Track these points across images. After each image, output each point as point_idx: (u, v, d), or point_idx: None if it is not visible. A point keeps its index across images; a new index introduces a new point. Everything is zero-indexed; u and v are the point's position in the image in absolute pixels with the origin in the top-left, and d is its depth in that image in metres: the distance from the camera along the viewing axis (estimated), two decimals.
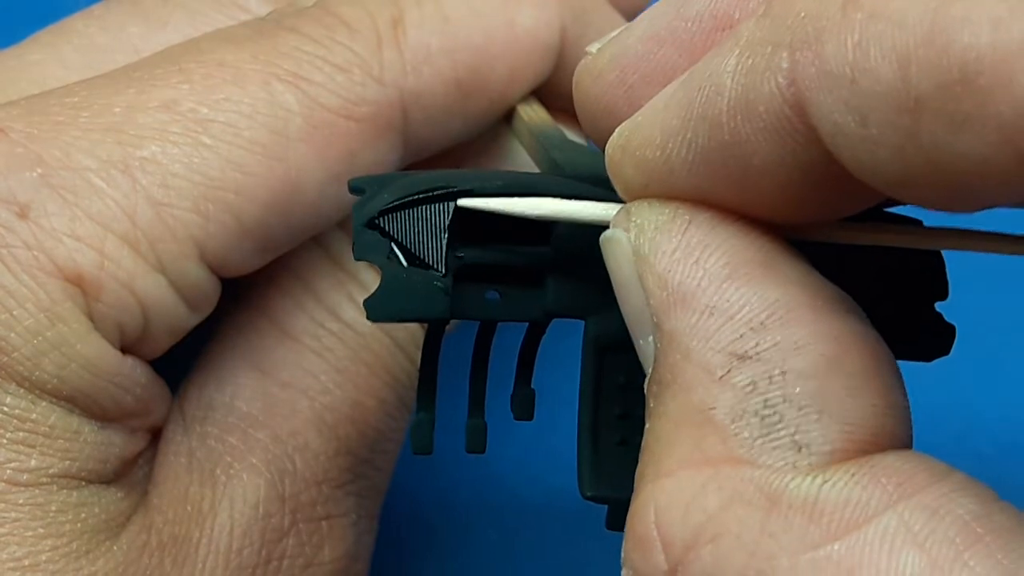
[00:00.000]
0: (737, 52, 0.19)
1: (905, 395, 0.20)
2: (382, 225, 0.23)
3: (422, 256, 0.23)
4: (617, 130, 0.22)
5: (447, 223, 0.23)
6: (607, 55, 0.24)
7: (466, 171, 0.24)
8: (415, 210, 0.23)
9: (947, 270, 0.25)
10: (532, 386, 0.26)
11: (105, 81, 0.27)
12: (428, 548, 0.39)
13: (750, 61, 0.19)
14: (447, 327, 0.25)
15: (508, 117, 0.31)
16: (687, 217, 0.21)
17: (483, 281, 0.24)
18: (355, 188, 0.23)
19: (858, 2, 0.18)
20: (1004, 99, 0.16)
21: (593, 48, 0.25)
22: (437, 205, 0.23)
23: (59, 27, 0.31)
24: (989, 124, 0.17)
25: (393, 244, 0.23)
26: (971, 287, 0.41)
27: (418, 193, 0.23)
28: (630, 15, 0.35)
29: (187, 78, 0.27)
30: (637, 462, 0.21)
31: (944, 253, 0.25)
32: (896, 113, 0.17)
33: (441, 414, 0.26)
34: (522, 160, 0.31)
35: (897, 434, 0.20)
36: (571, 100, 0.32)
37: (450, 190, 0.23)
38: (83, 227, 0.25)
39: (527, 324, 0.25)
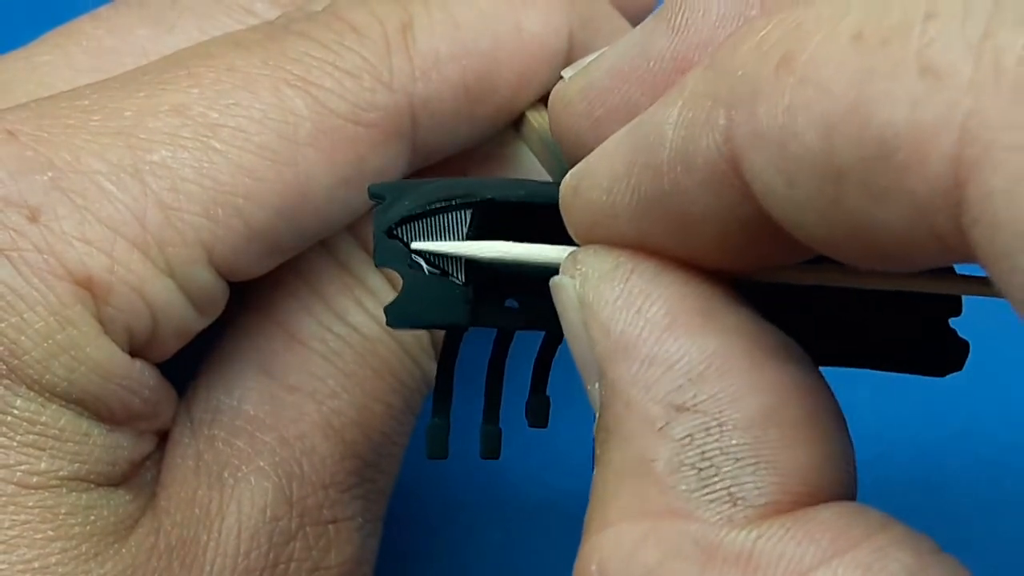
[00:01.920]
0: (680, 104, 0.20)
1: (848, 442, 0.21)
2: (403, 232, 0.23)
3: (443, 264, 0.23)
4: (570, 171, 0.22)
5: (468, 231, 0.23)
6: (577, 85, 0.24)
7: (488, 180, 0.24)
8: (436, 218, 0.23)
9: None
10: (547, 394, 0.26)
11: (115, 84, 0.27)
12: (433, 550, 0.39)
13: (690, 114, 0.19)
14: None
15: (517, 123, 0.31)
16: (630, 266, 0.21)
17: (503, 289, 0.24)
18: (374, 194, 0.23)
19: (790, 65, 0.18)
20: (919, 176, 0.16)
21: (567, 74, 0.25)
22: (459, 213, 0.23)
23: (67, 29, 0.31)
24: (905, 200, 0.17)
25: (413, 251, 0.23)
26: None
27: (439, 201, 0.23)
28: (636, 20, 0.35)
29: (197, 82, 0.27)
30: None
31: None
32: (821, 180, 0.17)
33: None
34: (530, 166, 0.31)
35: (835, 485, 0.20)
36: None
37: (471, 199, 0.23)
38: (93, 231, 0.25)
39: (544, 332, 0.25)
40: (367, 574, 0.30)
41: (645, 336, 0.20)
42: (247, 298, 0.30)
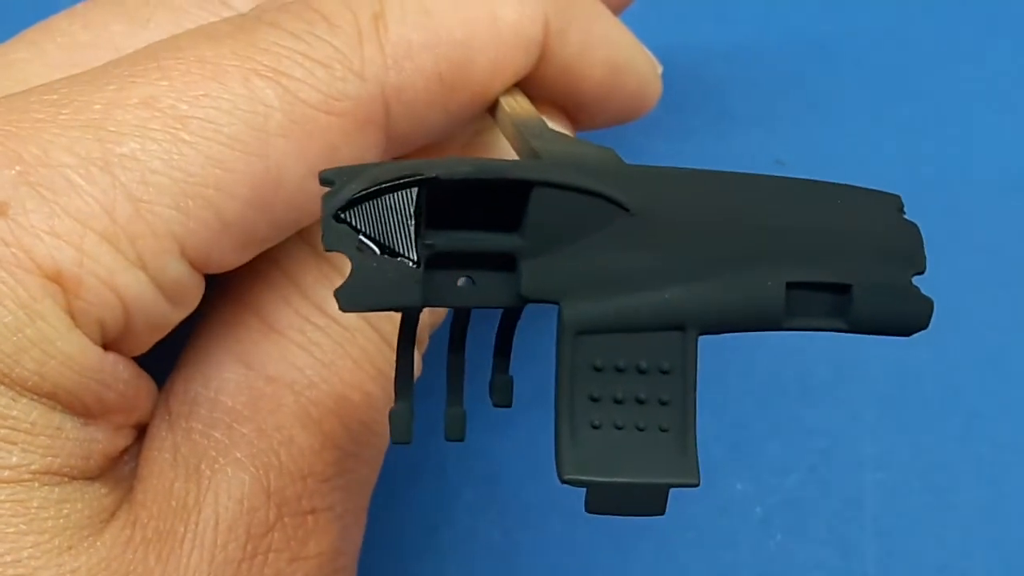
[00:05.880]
0: None
1: None
2: (351, 215, 0.23)
3: (392, 245, 0.23)
4: None
5: (416, 210, 0.23)
6: None
7: (438, 159, 0.24)
8: (384, 198, 0.23)
9: (924, 243, 0.24)
10: (510, 373, 0.26)
11: (85, 78, 0.27)
12: (432, 550, 0.39)
13: None
14: (421, 315, 0.25)
15: (492, 109, 0.31)
16: None
17: (455, 267, 0.24)
18: (325, 180, 0.23)
19: None
20: None
21: None
22: (405, 193, 0.23)
23: (43, 26, 0.31)
24: None
25: (362, 234, 0.23)
26: (973, 286, 0.41)
27: (386, 181, 0.23)
28: (615, 7, 0.35)
29: (166, 75, 0.27)
30: (613, 446, 0.21)
31: (929, 241, 0.24)
32: None
33: (441, 411, 0.26)
34: (506, 153, 0.31)
35: None
36: (555, 92, 0.32)
37: (417, 177, 0.23)
38: (62, 224, 0.25)
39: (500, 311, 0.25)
40: (349, 565, 0.30)
41: None
42: (224, 289, 0.30)
